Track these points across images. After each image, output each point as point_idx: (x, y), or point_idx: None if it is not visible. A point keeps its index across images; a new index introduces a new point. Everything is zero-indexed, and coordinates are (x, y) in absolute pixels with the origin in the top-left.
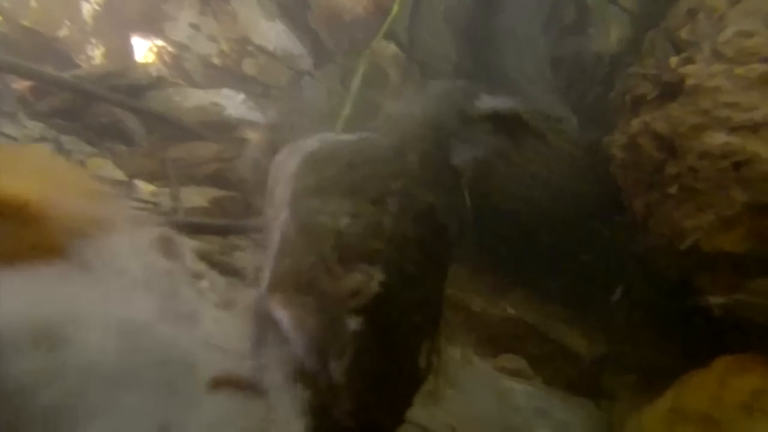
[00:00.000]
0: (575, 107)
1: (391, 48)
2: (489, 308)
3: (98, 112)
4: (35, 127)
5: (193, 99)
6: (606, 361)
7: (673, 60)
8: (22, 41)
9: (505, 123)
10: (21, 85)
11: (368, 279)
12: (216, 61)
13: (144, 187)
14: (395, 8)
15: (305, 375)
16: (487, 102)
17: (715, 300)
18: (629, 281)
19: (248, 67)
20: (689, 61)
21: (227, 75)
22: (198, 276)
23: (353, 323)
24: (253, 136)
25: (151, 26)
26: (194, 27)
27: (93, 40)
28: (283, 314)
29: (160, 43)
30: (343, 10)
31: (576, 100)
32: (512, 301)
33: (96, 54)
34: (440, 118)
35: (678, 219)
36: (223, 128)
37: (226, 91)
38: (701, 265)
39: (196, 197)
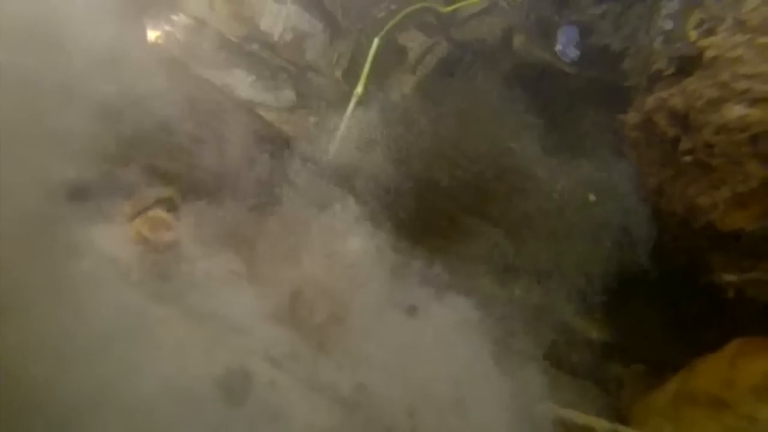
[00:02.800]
0: None
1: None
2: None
3: None
4: None
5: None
6: (614, 349)
7: (693, 33)
8: None
9: None
10: None
11: None
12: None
13: None
14: None
15: None
16: None
17: (729, 278)
18: (642, 266)
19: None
20: (711, 32)
21: (237, 56)
22: None
23: None
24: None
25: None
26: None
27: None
28: None
29: (168, 28)
30: None
31: None
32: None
33: None
34: None
35: (691, 196)
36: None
37: (237, 72)
38: (714, 244)
39: None
